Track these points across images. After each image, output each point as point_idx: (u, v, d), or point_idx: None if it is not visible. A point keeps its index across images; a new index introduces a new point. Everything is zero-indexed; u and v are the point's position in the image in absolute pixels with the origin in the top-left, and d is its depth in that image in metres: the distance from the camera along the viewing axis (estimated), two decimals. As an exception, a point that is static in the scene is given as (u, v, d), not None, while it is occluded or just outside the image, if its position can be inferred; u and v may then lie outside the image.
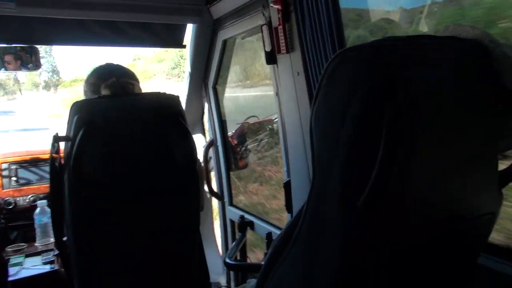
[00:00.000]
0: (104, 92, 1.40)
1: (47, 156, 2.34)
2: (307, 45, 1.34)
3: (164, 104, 1.38)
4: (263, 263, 1.65)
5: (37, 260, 1.89)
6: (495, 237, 1.06)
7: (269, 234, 1.68)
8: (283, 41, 1.44)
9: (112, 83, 1.39)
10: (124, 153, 1.31)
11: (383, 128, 0.58)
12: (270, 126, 2.82)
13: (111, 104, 1.32)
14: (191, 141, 1.41)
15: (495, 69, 0.71)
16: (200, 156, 2.39)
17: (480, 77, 0.70)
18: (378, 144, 0.58)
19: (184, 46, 2.23)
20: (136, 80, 1.52)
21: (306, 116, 1.40)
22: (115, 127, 1.28)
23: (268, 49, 1.54)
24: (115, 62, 1.57)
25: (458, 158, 0.68)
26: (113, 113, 1.29)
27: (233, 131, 2.59)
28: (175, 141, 1.36)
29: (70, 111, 1.27)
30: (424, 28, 1.44)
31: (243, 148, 2.60)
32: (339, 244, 0.64)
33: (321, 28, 1.27)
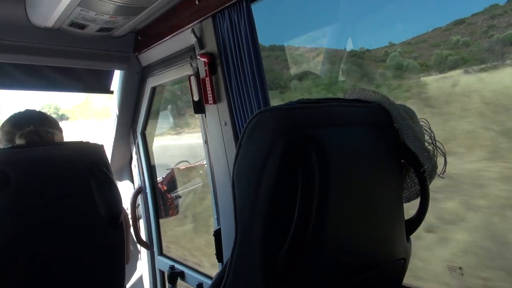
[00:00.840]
0: (19, 141, 1.31)
1: None
2: (233, 97, 1.39)
3: (85, 153, 1.33)
4: (193, 317, 1.58)
5: None
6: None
7: (200, 285, 1.63)
8: (210, 92, 1.48)
9: (29, 132, 1.32)
10: (40, 208, 1.21)
11: (298, 186, 0.62)
12: (201, 171, 2.81)
13: (26, 154, 1.23)
14: (115, 191, 1.35)
15: (395, 128, 0.79)
16: (128, 203, 2.29)
17: (384, 136, 0.78)
18: (295, 201, 0.62)
19: (112, 92, 2.19)
20: (59, 129, 1.45)
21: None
22: (30, 180, 1.20)
23: (196, 98, 1.57)
24: (63, 101, 1.49)
25: (368, 210, 0.74)
26: (27, 164, 1.20)
27: (163, 177, 2.54)
28: (98, 192, 1.30)
29: None
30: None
31: (174, 194, 2.55)
32: None
33: (246, 81, 1.33)
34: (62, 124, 1.49)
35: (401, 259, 0.83)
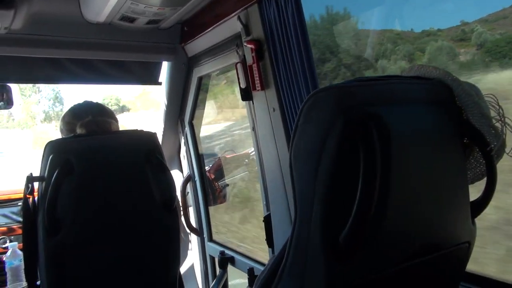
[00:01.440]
0: (80, 130, 1.39)
1: (17, 196, 2.26)
2: (281, 82, 1.39)
3: (141, 141, 1.38)
4: (246, 300, 1.62)
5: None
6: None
7: (251, 270, 1.66)
8: (258, 78, 1.48)
9: (88, 122, 1.39)
10: (100, 192, 1.28)
11: (359, 165, 0.61)
12: (246, 160, 2.84)
13: (87, 143, 1.31)
14: (169, 178, 1.40)
15: (457, 105, 0.76)
16: (178, 191, 2.37)
17: (445, 113, 0.75)
18: (356, 180, 0.61)
19: (160, 83, 2.25)
20: (115, 118, 1.53)
21: (284, 150, 1.42)
22: (91, 167, 1.26)
23: (243, 86, 1.58)
24: (123, 93, 1.58)
25: (431, 190, 0.72)
26: (88, 152, 1.27)
27: (210, 166, 2.59)
28: (153, 178, 1.35)
29: (44, 150, 1.25)
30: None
31: (221, 183, 2.60)
32: (322, 280, 0.65)
33: (294, 66, 1.32)
34: (123, 115, 1.57)
35: (465, 242, 0.80)
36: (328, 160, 0.63)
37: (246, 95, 1.58)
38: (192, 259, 2.54)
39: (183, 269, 2.50)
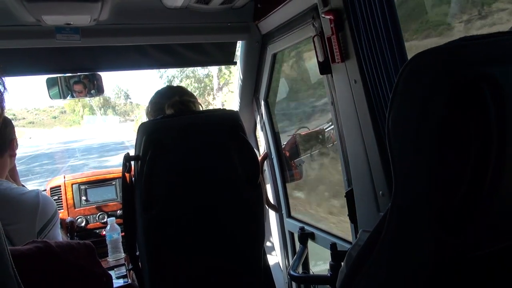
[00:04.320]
0: (168, 111, 1.47)
1: (112, 176, 2.47)
2: (363, 53, 1.33)
3: (225, 119, 1.43)
4: (328, 274, 1.63)
5: (111, 274, 1.98)
6: None
7: (333, 245, 1.65)
8: (337, 50, 1.44)
9: (175, 102, 1.47)
10: (191, 168, 1.36)
11: (470, 129, 0.57)
12: (321, 136, 2.80)
13: (176, 122, 1.38)
14: (253, 154, 1.44)
15: None
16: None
17: None
18: (467, 146, 0.57)
19: (235, 63, 2.29)
20: (195, 98, 1.60)
21: (367, 123, 1.38)
22: (181, 145, 1.34)
23: (321, 59, 1.54)
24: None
25: None
26: (178, 132, 1.35)
27: (285, 143, 2.60)
28: (238, 154, 1.40)
29: (138, 132, 1.34)
30: None
31: (296, 160, 2.60)
32: (429, 250, 0.62)
33: (378, 34, 1.25)
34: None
35: None
36: (434, 125, 0.59)
37: (325, 68, 1.54)
38: (270, 234, 2.61)
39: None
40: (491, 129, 0.55)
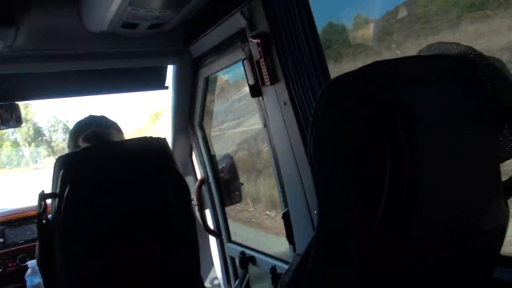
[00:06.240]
0: (83, 143, 1.38)
1: (34, 213, 2.26)
2: (290, 76, 1.35)
3: (152, 148, 1.36)
4: (270, 299, 1.59)
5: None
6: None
7: (273, 269, 1.63)
8: (266, 73, 1.45)
9: (91, 133, 1.39)
10: (115, 203, 1.26)
11: (386, 152, 0.58)
12: (260, 157, 2.81)
13: (95, 154, 1.28)
14: (183, 183, 1.37)
15: (484, 81, 0.72)
16: (193, 195, 2.35)
17: (471, 91, 0.71)
18: (383, 167, 0.58)
19: (167, 88, 2.24)
20: (118, 129, 1.51)
21: (298, 145, 1.39)
22: (102, 178, 1.24)
23: (251, 82, 1.55)
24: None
25: (462, 174, 0.68)
26: (98, 164, 1.25)
27: (223, 166, 2.57)
28: (167, 184, 1.33)
29: (55, 167, 1.23)
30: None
31: (235, 182, 2.58)
32: (357, 273, 0.62)
33: (303, 58, 1.29)
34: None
35: (498, 226, 0.76)
36: (351, 150, 0.60)
37: (256, 91, 1.55)
38: (211, 261, 2.53)
39: (203, 272, 2.49)
40: (402, 151, 0.57)
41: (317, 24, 1.27)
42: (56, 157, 1.26)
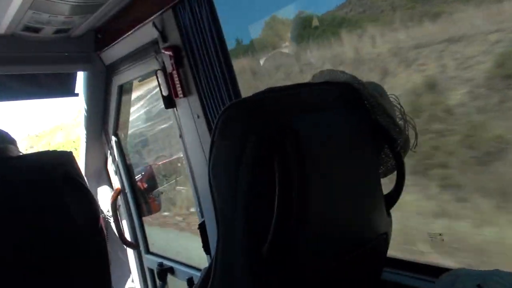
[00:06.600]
0: None
1: None
2: (203, 89, 1.37)
3: (55, 162, 1.27)
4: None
5: None
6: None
7: (190, 280, 1.63)
8: (179, 85, 1.45)
9: None
10: (15, 222, 1.17)
11: (275, 177, 0.62)
12: (180, 164, 2.78)
13: None
14: (90, 197, 1.31)
15: (366, 107, 0.80)
16: (109, 206, 2.26)
17: (356, 115, 0.79)
18: (273, 192, 0.62)
19: (77, 95, 2.12)
20: (10, 142, 1.37)
21: (211, 157, 1.41)
22: (1, 199, 1.15)
23: (165, 93, 1.54)
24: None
25: (349, 191, 0.75)
26: None
27: (142, 174, 2.50)
28: (72, 201, 1.26)
29: None
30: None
31: (154, 191, 2.52)
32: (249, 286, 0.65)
33: (214, 72, 1.31)
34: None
35: (383, 233, 0.85)
36: (246, 175, 0.63)
37: (169, 102, 1.54)
38: (129, 274, 2.45)
39: (120, 285, 2.40)
40: (292, 175, 0.61)
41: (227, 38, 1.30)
42: None
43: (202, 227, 1.58)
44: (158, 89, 1.57)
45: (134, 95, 2.44)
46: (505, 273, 0.62)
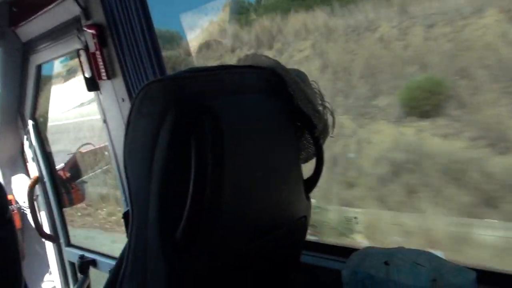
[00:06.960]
0: None
1: None
2: (128, 71, 1.30)
3: None
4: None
5: None
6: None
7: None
8: (103, 66, 1.37)
9: None
10: None
11: (191, 158, 0.60)
12: (107, 152, 2.65)
13: None
14: None
15: (288, 92, 0.81)
16: (25, 196, 2.09)
17: (278, 100, 0.79)
18: (189, 174, 0.60)
19: (-12, 73, 1.92)
20: None
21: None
22: None
23: (87, 75, 1.45)
24: None
25: (267, 174, 0.76)
26: None
27: (64, 163, 2.34)
28: None
29: None
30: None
31: (78, 180, 2.38)
32: (163, 276, 0.63)
33: (140, 53, 1.25)
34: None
35: (302, 217, 0.87)
36: (162, 155, 0.61)
37: (92, 85, 1.45)
38: (49, 268, 2.30)
39: (38, 280, 2.24)
40: (208, 157, 0.60)
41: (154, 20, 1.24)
42: None
43: (127, 216, 1.51)
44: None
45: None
46: (407, 250, 0.66)
